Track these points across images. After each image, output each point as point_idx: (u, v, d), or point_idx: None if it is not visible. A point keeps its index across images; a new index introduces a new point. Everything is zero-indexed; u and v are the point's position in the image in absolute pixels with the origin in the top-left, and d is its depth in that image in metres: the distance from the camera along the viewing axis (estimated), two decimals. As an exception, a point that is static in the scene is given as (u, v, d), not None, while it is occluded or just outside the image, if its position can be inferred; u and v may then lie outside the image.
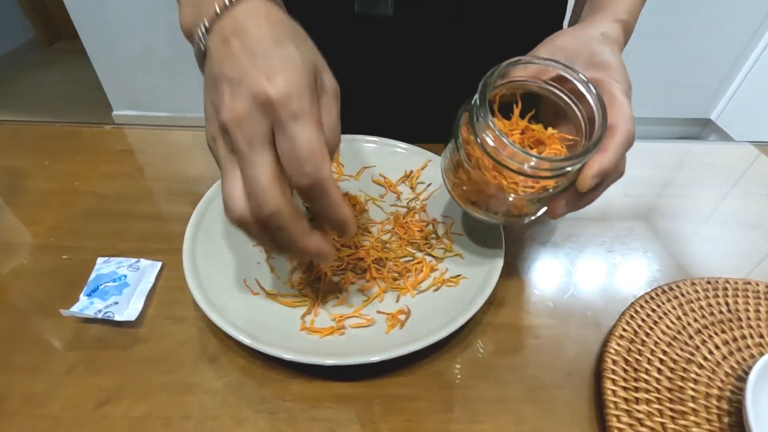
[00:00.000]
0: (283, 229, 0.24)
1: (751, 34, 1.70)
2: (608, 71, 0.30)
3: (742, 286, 0.36)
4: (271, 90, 0.22)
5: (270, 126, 0.23)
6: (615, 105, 0.29)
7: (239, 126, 0.23)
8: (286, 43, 0.24)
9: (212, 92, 0.25)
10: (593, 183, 0.28)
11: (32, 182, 0.45)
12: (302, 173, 0.23)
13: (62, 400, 0.28)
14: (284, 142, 0.23)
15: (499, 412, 0.29)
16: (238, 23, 0.24)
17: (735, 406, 0.28)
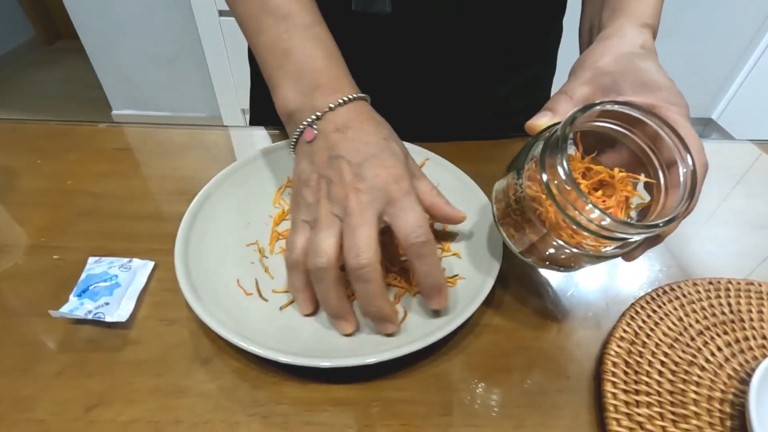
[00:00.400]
0: (370, 282, 0.28)
1: (753, 34, 1.69)
2: (660, 93, 0.28)
3: (744, 286, 0.35)
4: (390, 176, 0.29)
5: (383, 202, 0.29)
6: (682, 134, 0.26)
7: (357, 194, 0.29)
8: (390, 140, 0.32)
9: (326, 167, 0.30)
10: (677, 227, 0.27)
11: (24, 181, 0.44)
12: (417, 234, 0.28)
13: (50, 404, 0.27)
14: (402, 212, 0.29)
15: (498, 416, 0.28)
16: (350, 119, 0.31)
17: (738, 409, 0.28)
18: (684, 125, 0.27)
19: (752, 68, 1.75)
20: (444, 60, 0.49)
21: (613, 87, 0.29)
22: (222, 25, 1.55)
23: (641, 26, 0.32)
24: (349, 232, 0.28)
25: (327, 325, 0.31)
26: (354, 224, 0.28)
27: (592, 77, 0.30)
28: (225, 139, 0.53)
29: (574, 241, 0.26)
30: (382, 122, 0.33)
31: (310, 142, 0.32)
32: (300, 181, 0.32)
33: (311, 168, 0.31)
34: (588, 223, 0.24)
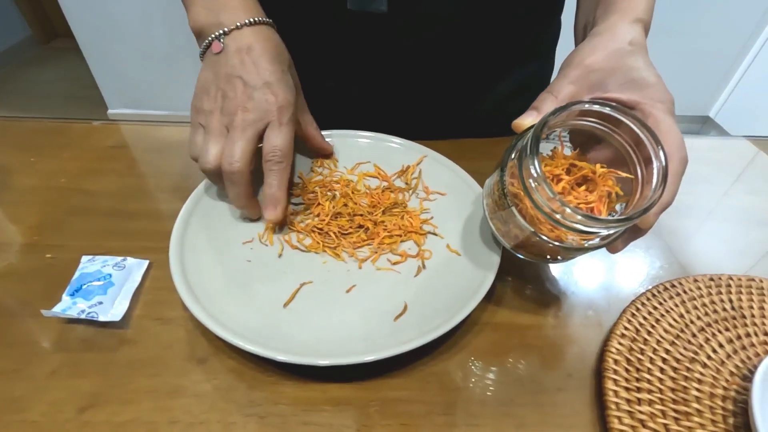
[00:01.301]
0: (236, 185, 0.34)
1: (750, 33, 1.69)
2: (646, 90, 0.29)
3: (745, 282, 0.35)
4: (276, 104, 0.34)
5: (264, 124, 0.34)
6: (662, 130, 0.27)
7: (244, 112, 0.34)
8: (287, 73, 0.36)
9: (224, 82, 0.34)
10: (656, 220, 0.27)
11: (17, 179, 0.44)
12: (275, 154, 0.34)
13: (43, 405, 0.27)
14: (274, 135, 0.34)
15: (498, 415, 0.28)
16: (254, 42, 0.35)
17: (741, 406, 0.27)
18: (666, 121, 0.27)
19: (749, 66, 1.75)
20: (441, 58, 0.49)
21: (600, 85, 0.30)
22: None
23: (632, 22, 0.32)
24: (229, 142, 0.33)
25: (324, 324, 0.31)
26: (235, 137, 0.33)
27: (578, 76, 0.30)
28: (221, 136, 0.52)
29: (554, 235, 0.27)
30: (283, 53, 0.37)
31: (217, 54, 0.35)
32: (201, 87, 0.36)
33: (212, 79, 0.35)
34: (563, 220, 0.25)
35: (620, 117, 0.27)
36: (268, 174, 0.35)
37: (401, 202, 0.40)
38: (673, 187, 0.27)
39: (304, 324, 0.31)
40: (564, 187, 0.29)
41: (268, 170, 0.35)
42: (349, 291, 0.33)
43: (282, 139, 0.34)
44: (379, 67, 0.49)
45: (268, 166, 0.35)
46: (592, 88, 0.30)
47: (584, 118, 0.28)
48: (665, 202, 0.27)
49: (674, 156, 0.27)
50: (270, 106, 0.34)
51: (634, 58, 0.30)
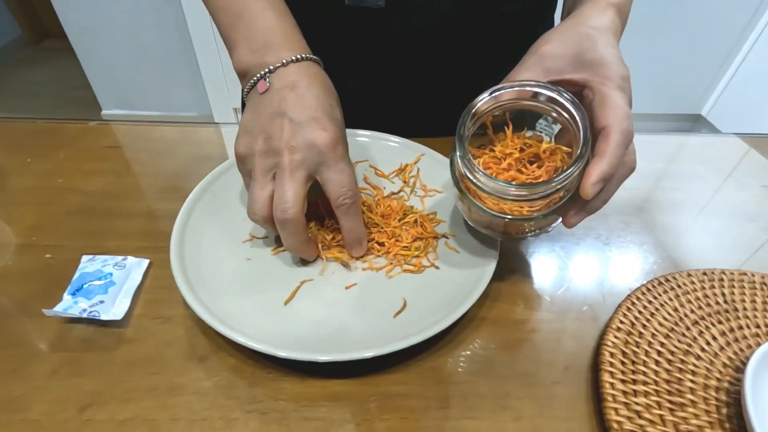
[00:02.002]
0: (293, 233, 0.32)
1: (740, 31, 1.71)
2: (596, 69, 0.29)
3: (737, 276, 0.36)
4: (324, 139, 0.31)
5: (316, 162, 0.31)
6: (606, 104, 0.28)
7: (291, 153, 0.31)
8: (335, 108, 0.34)
9: (268, 122, 0.32)
10: (596, 190, 0.27)
11: (14, 180, 0.44)
12: (346, 196, 0.32)
13: (44, 405, 0.27)
14: (334, 175, 0.32)
15: (496, 408, 0.28)
16: (300, 79, 0.33)
17: (733, 396, 0.28)
18: (611, 96, 0.28)
19: (740, 64, 1.77)
20: (438, 54, 0.49)
21: (555, 69, 0.30)
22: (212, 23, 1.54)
23: (604, 7, 0.33)
24: (278, 187, 0.31)
25: (324, 321, 0.31)
26: (284, 181, 0.31)
27: (534, 62, 0.31)
28: (217, 136, 0.53)
29: (498, 208, 0.29)
30: (330, 88, 0.35)
31: (261, 94, 0.33)
32: (243, 130, 0.33)
33: (255, 120, 0.33)
34: (490, 189, 0.28)
35: (546, 92, 0.29)
36: (344, 218, 0.33)
37: (410, 208, 0.40)
38: (613, 158, 0.27)
39: (304, 321, 0.31)
40: (510, 164, 0.31)
41: (342, 214, 0.33)
42: (348, 288, 0.34)
43: (345, 176, 0.32)
44: (376, 63, 0.50)
45: (342, 211, 0.32)
46: (547, 74, 0.31)
47: (520, 100, 0.30)
48: (602, 171, 0.27)
49: (613, 127, 0.27)
50: (319, 144, 0.31)
51: (591, 41, 0.30)
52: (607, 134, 0.27)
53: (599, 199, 0.29)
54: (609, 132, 0.27)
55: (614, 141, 0.27)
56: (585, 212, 0.30)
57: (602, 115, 0.28)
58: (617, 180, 0.29)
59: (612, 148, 0.27)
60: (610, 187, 0.29)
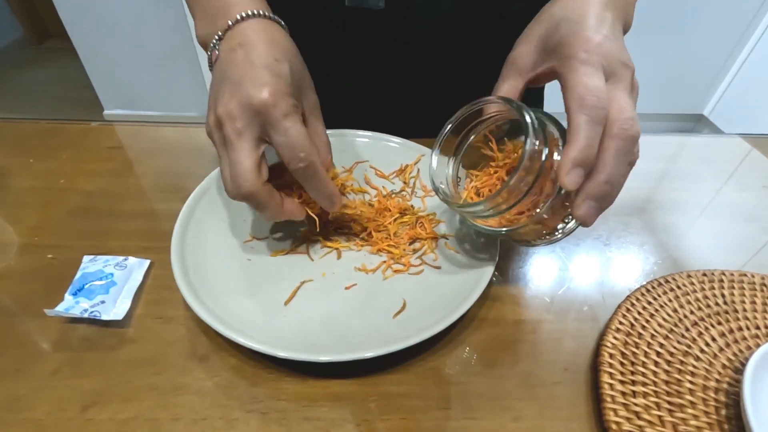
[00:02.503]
0: (260, 204, 0.30)
1: (742, 31, 1.71)
2: (559, 51, 0.27)
3: (737, 277, 0.36)
4: (261, 96, 0.27)
5: (259, 124, 0.28)
6: (566, 88, 0.26)
7: (231, 120, 0.28)
8: (282, 62, 0.29)
9: (215, 89, 0.30)
10: (574, 178, 0.25)
11: (16, 180, 0.44)
12: (298, 158, 0.28)
13: (46, 404, 0.27)
14: (279, 136, 0.28)
15: (496, 408, 0.28)
16: (245, 36, 0.30)
17: (732, 398, 0.28)
18: (569, 77, 0.26)
19: (742, 64, 1.76)
20: (438, 55, 0.49)
21: (527, 67, 0.31)
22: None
23: None
24: (228, 165, 0.29)
25: (324, 321, 0.31)
26: (231, 156, 0.28)
27: (507, 69, 0.32)
28: (219, 136, 0.53)
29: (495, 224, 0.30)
30: (279, 43, 0.31)
31: (213, 65, 0.31)
32: (208, 109, 0.31)
33: (210, 92, 0.30)
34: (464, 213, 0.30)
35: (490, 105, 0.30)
36: (304, 183, 0.30)
37: (410, 207, 0.40)
38: (581, 140, 0.25)
39: (305, 321, 0.31)
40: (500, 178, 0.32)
41: (300, 180, 0.30)
42: (348, 288, 0.34)
43: (291, 137, 0.28)
44: (377, 63, 0.50)
45: (298, 176, 0.29)
46: (522, 75, 0.31)
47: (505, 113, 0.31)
48: (573, 158, 0.25)
49: (573, 108, 0.25)
50: (255, 103, 0.27)
51: (554, 23, 0.29)
52: (569, 119, 0.25)
53: (599, 180, 0.26)
54: (569, 115, 0.25)
55: (576, 122, 0.25)
56: (592, 201, 0.26)
57: (565, 100, 0.26)
58: (614, 155, 0.25)
59: (575, 131, 0.25)
60: (608, 166, 0.26)
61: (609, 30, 0.27)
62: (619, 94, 0.26)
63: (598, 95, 0.25)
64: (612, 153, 0.25)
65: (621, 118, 0.26)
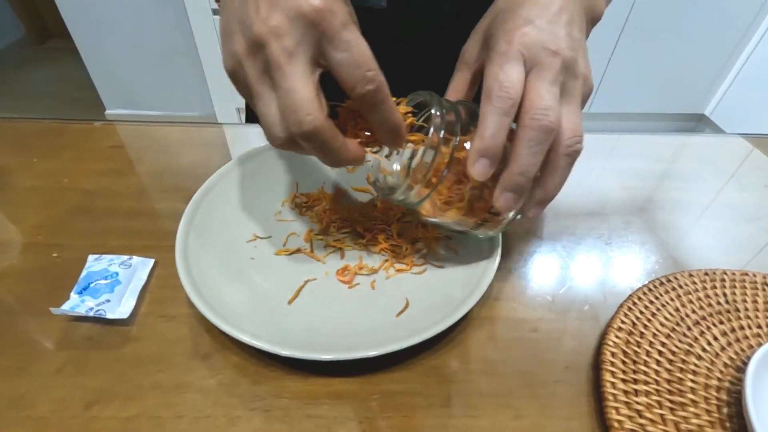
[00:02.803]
0: (326, 142, 0.24)
1: (744, 31, 1.71)
2: (490, 43, 0.27)
3: (739, 277, 0.36)
4: (314, 3, 0.22)
5: (314, 40, 0.23)
6: (484, 79, 0.26)
7: (278, 38, 0.22)
8: None
9: (240, 9, 0.23)
10: (481, 168, 0.25)
11: (19, 180, 0.44)
12: (365, 78, 0.23)
13: (50, 402, 0.27)
14: (340, 52, 0.23)
15: (497, 407, 0.28)
16: None
17: (734, 396, 0.28)
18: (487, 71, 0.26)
19: (744, 64, 1.76)
20: (439, 55, 0.49)
21: (470, 61, 0.31)
22: (216, 23, 1.55)
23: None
24: (281, 96, 0.23)
25: (327, 320, 0.31)
26: (284, 84, 0.23)
27: (459, 65, 0.32)
28: (220, 136, 0.53)
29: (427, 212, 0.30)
30: None
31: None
32: (223, 39, 0.25)
33: (227, 18, 0.25)
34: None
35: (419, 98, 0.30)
36: (370, 111, 0.25)
37: None
38: (484, 129, 0.25)
39: (307, 320, 0.31)
40: None
41: (366, 106, 0.24)
42: (351, 288, 0.34)
43: (356, 52, 0.23)
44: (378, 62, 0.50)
45: (364, 102, 0.24)
46: (469, 68, 0.31)
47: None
48: (477, 148, 0.25)
49: (482, 101, 0.25)
50: (307, 10, 0.22)
51: (495, 20, 0.29)
52: (483, 101, 0.25)
53: (512, 172, 0.26)
54: (483, 100, 0.25)
55: (482, 114, 0.25)
56: (507, 192, 0.26)
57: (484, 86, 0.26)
58: (526, 145, 0.25)
59: (480, 122, 0.25)
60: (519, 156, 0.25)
61: (545, 21, 0.26)
62: (538, 84, 0.25)
63: (508, 86, 0.25)
64: (522, 143, 0.25)
65: (534, 108, 0.25)
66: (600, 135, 0.55)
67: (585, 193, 0.46)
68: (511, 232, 0.40)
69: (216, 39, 1.59)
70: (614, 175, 0.48)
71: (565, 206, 0.44)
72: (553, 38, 0.26)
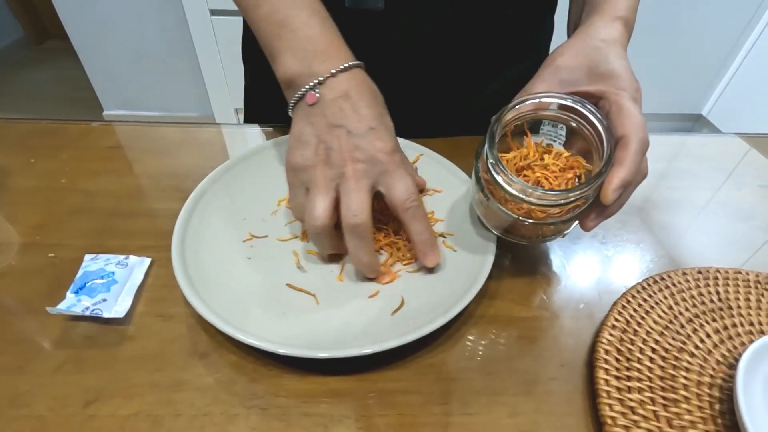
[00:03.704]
0: (362, 238, 0.32)
1: (740, 31, 1.71)
2: (611, 81, 0.31)
3: (732, 275, 0.36)
4: (386, 149, 0.32)
5: (376, 174, 0.32)
6: (623, 114, 0.29)
7: (355, 163, 0.31)
8: (385, 116, 0.34)
9: (326, 133, 0.32)
10: (616, 196, 0.29)
11: (17, 180, 0.44)
12: (411, 199, 0.32)
13: (48, 400, 0.28)
14: (396, 181, 0.32)
15: (493, 404, 0.29)
16: (352, 86, 0.33)
17: (726, 393, 0.28)
18: (627, 106, 0.29)
19: (740, 64, 1.77)
20: (436, 55, 0.50)
21: (571, 81, 0.32)
22: (214, 24, 1.55)
23: (612, 20, 0.34)
24: (345, 195, 0.31)
25: (323, 318, 0.32)
26: (350, 189, 0.31)
27: (549, 74, 0.32)
28: (218, 136, 0.53)
29: (523, 212, 0.30)
30: (378, 94, 0.36)
31: (311, 105, 0.33)
32: (298, 142, 0.33)
33: (311, 131, 0.33)
34: (516, 193, 0.29)
35: (572, 104, 0.30)
36: (412, 222, 0.32)
37: None
38: (632, 165, 0.28)
39: (304, 318, 0.32)
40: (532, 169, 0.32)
41: (410, 218, 0.32)
42: (347, 285, 0.34)
43: (407, 181, 0.32)
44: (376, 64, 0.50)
45: (409, 215, 0.32)
46: (563, 85, 0.32)
47: (546, 111, 0.31)
48: (622, 178, 0.28)
49: (632, 137, 0.28)
50: (379, 154, 0.32)
51: (603, 54, 0.31)
52: (626, 143, 0.28)
53: (617, 204, 0.31)
54: (628, 141, 0.28)
55: (633, 149, 0.28)
56: (603, 217, 0.31)
57: (620, 125, 0.29)
58: (633, 186, 0.30)
59: (631, 156, 0.28)
60: (626, 193, 0.30)
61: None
62: None
63: (646, 131, 0.29)
64: (634, 184, 0.30)
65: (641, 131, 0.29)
66: (596, 135, 0.55)
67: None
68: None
69: (214, 39, 1.59)
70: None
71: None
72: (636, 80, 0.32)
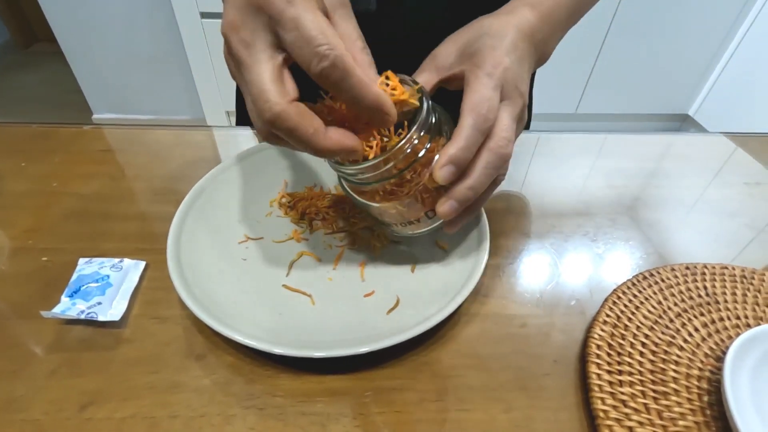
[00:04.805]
0: (293, 129, 0.23)
1: (726, 32, 1.75)
2: (472, 59, 0.30)
3: (719, 270, 0.37)
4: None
5: (266, 26, 0.23)
6: (467, 91, 0.28)
7: (235, 31, 0.23)
8: None
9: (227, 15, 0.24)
10: (446, 173, 0.27)
11: (8, 184, 0.44)
12: (318, 55, 0.22)
13: (44, 404, 0.27)
14: (288, 32, 0.22)
15: (488, 400, 0.29)
16: None
17: (714, 385, 0.29)
18: (473, 84, 0.28)
19: (726, 65, 1.80)
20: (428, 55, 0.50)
21: (444, 66, 0.32)
22: (204, 26, 1.54)
23: (512, 7, 0.33)
24: (246, 88, 0.24)
25: (319, 318, 0.32)
26: (246, 77, 0.23)
27: (427, 63, 0.33)
28: (210, 139, 0.53)
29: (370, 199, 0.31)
30: None
31: None
32: None
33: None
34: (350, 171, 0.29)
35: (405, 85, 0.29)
36: (336, 90, 0.24)
37: None
38: (462, 140, 0.27)
39: (300, 318, 0.32)
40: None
41: (329, 84, 0.23)
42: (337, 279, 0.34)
43: (304, 29, 0.22)
44: None
45: (323, 81, 0.23)
46: (439, 71, 0.32)
47: None
48: (449, 154, 0.27)
49: (465, 111, 0.27)
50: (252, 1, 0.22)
51: (477, 35, 0.31)
52: (459, 119, 0.27)
53: (465, 185, 0.28)
54: (461, 116, 0.27)
55: (464, 124, 0.27)
56: (454, 201, 0.28)
57: (463, 102, 0.28)
58: (484, 166, 0.28)
59: (462, 131, 0.27)
60: (476, 173, 0.28)
61: (516, 58, 0.30)
62: (505, 114, 0.29)
63: (489, 107, 0.27)
64: (483, 163, 0.28)
65: (500, 136, 0.28)
66: (587, 135, 0.56)
67: (572, 192, 0.47)
68: (499, 230, 0.41)
69: (204, 42, 1.58)
70: (601, 174, 0.49)
71: (553, 205, 0.45)
72: (522, 79, 0.30)
